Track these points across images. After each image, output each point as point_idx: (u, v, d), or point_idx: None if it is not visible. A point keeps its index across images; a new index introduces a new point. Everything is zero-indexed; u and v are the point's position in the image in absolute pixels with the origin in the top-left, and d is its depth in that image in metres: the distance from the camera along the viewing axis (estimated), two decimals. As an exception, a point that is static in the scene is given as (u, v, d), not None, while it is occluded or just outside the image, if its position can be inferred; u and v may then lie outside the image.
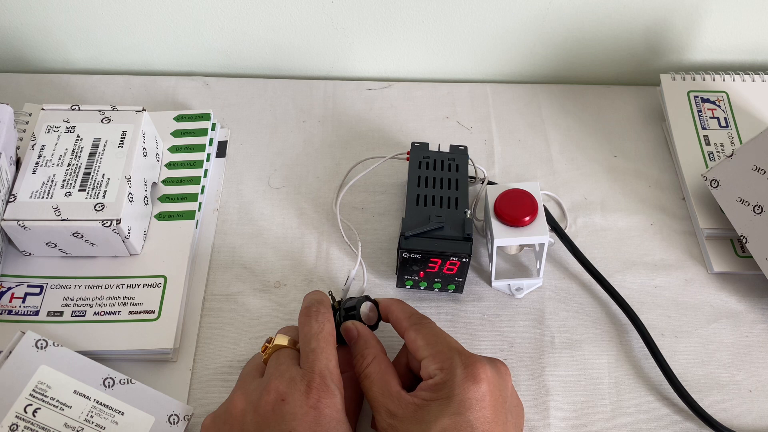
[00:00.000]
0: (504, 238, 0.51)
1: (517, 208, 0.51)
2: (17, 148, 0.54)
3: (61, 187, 0.51)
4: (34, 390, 0.45)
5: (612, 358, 0.51)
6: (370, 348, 0.44)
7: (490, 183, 0.57)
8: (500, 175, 0.61)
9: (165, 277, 0.52)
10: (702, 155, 0.60)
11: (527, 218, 0.51)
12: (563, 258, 0.56)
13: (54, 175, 0.51)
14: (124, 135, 0.53)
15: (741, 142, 0.61)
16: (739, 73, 0.65)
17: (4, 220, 0.49)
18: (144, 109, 0.55)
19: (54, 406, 0.45)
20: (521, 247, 0.54)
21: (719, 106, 0.63)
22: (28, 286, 0.51)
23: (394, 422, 0.40)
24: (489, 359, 0.42)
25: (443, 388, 0.40)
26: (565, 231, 0.57)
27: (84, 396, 0.46)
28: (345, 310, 0.47)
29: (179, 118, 0.61)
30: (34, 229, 0.49)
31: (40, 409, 0.45)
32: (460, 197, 0.52)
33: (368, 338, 0.45)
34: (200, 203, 0.57)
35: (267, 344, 0.45)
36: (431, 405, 0.39)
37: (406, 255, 0.49)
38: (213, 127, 0.61)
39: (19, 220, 0.49)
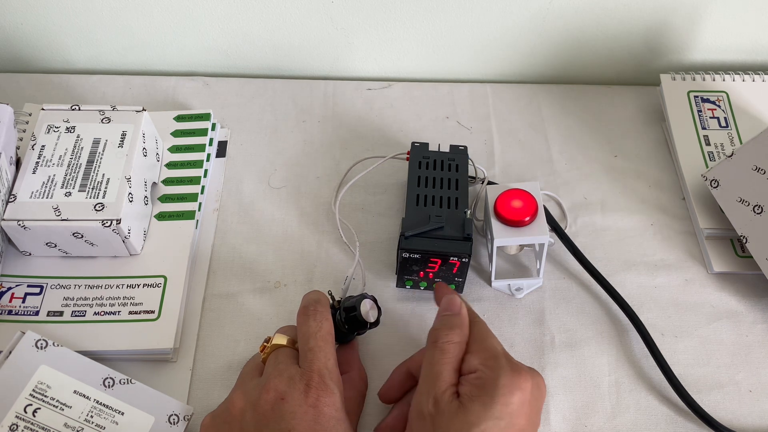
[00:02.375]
0: (504, 238, 0.51)
1: (517, 208, 0.51)
2: (17, 148, 0.54)
3: (61, 187, 0.51)
4: (34, 390, 0.45)
5: (612, 358, 0.51)
6: (462, 329, 0.43)
7: (490, 183, 0.57)
8: (500, 175, 0.61)
9: (165, 277, 0.52)
10: (702, 155, 0.60)
11: (527, 218, 0.51)
12: (563, 258, 0.56)
13: (54, 175, 0.51)
14: (124, 135, 0.53)
15: (741, 142, 0.61)
16: (739, 73, 0.65)
17: (4, 220, 0.49)
18: (144, 109, 0.55)
19: (54, 406, 0.45)
20: (521, 247, 0.54)
21: (719, 106, 0.63)
22: (28, 286, 0.51)
23: (436, 412, 0.39)
24: (531, 369, 0.41)
25: (485, 386, 0.39)
26: (565, 231, 0.57)
27: (84, 396, 0.46)
28: (345, 309, 0.47)
29: (179, 118, 0.61)
30: (34, 229, 0.49)
31: (40, 409, 0.45)
32: (460, 197, 0.52)
33: (464, 321, 0.43)
34: (200, 203, 0.57)
35: (265, 344, 0.45)
36: (474, 404, 0.38)
37: (406, 255, 0.49)
38: (213, 127, 0.61)
39: (19, 220, 0.49)
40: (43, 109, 0.55)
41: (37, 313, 0.50)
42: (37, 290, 0.51)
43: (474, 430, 0.38)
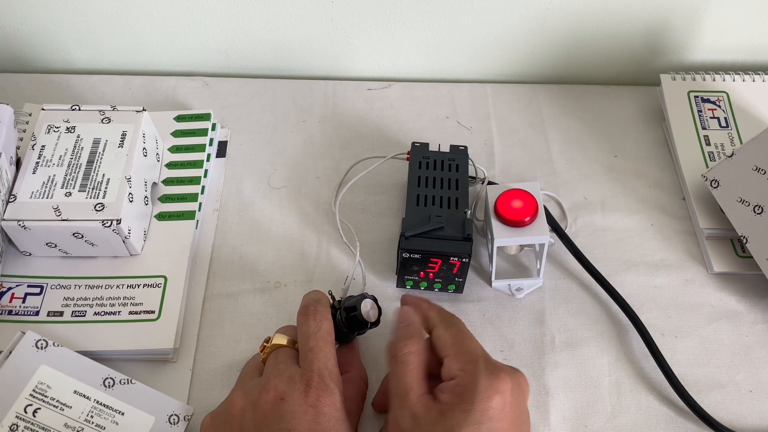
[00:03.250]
0: (504, 238, 0.51)
1: (517, 208, 0.51)
2: (17, 148, 0.54)
3: (61, 187, 0.51)
4: (34, 390, 0.45)
5: (612, 358, 0.51)
6: (420, 338, 0.43)
7: (490, 183, 0.57)
8: (500, 175, 0.61)
9: (165, 277, 0.52)
10: (702, 155, 0.60)
11: (527, 218, 0.51)
12: (563, 258, 0.56)
13: (54, 175, 0.51)
14: (124, 135, 0.53)
15: (741, 142, 0.61)
16: (739, 73, 0.65)
17: (4, 220, 0.49)
18: (144, 109, 0.55)
19: (54, 406, 0.45)
20: (521, 247, 0.54)
21: (719, 106, 0.63)
22: (28, 286, 0.51)
23: (415, 424, 0.39)
24: (511, 369, 0.41)
25: (464, 393, 0.39)
26: (565, 231, 0.57)
27: (84, 396, 0.46)
28: (345, 309, 0.47)
29: (179, 118, 0.61)
30: (34, 229, 0.49)
31: (40, 409, 0.45)
32: (460, 197, 0.52)
33: (420, 329, 0.44)
34: (200, 203, 0.57)
35: (265, 344, 0.45)
36: (454, 411, 0.38)
37: (406, 255, 0.49)
38: (213, 127, 0.61)
39: (19, 220, 0.49)
40: (43, 109, 0.55)
41: (37, 313, 0.50)
42: (38, 290, 0.51)
43: None
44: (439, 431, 0.38)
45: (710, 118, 0.62)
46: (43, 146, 0.53)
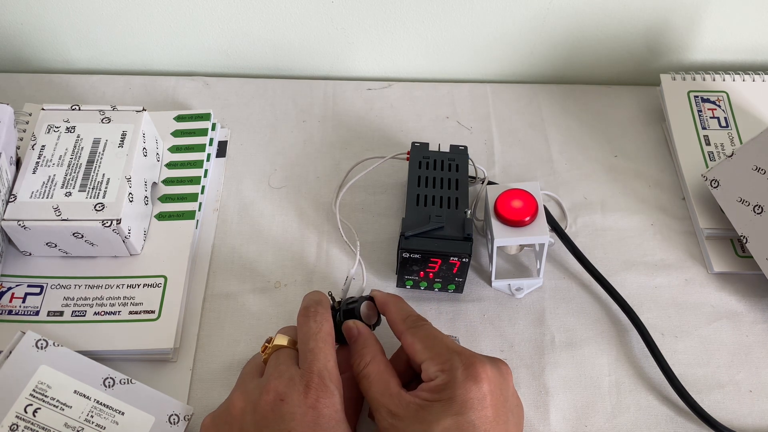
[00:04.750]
0: (504, 238, 0.51)
1: (517, 208, 0.51)
2: (17, 148, 0.54)
3: (61, 187, 0.51)
4: (34, 390, 0.45)
5: (612, 358, 0.51)
6: (369, 347, 0.44)
7: (490, 183, 0.57)
8: (500, 175, 0.61)
9: (165, 277, 0.52)
10: (702, 155, 0.60)
11: (527, 218, 0.51)
12: (563, 258, 0.56)
13: (54, 175, 0.51)
14: (124, 135, 0.53)
15: (741, 142, 0.61)
16: (739, 73, 0.65)
17: (4, 220, 0.49)
18: (144, 109, 0.55)
19: (54, 406, 0.45)
20: (521, 247, 0.54)
21: (719, 106, 0.63)
22: (28, 286, 0.51)
23: (396, 422, 0.40)
24: (490, 358, 0.42)
25: (445, 390, 0.40)
26: (565, 231, 0.57)
27: (84, 396, 0.46)
28: (345, 312, 0.47)
29: (179, 118, 0.61)
30: (34, 229, 0.49)
31: (40, 409, 0.45)
32: (460, 197, 0.52)
33: (367, 338, 0.45)
34: (200, 203, 0.57)
35: (266, 344, 0.45)
36: (433, 405, 0.39)
37: (406, 255, 0.49)
38: (213, 127, 0.61)
39: (19, 220, 0.49)
40: (43, 109, 0.55)
41: (37, 313, 0.50)
42: (38, 290, 0.51)
43: (434, 427, 0.38)
44: (420, 423, 0.39)
45: (710, 118, 0.62)
46: (43, 146, 0.53)
